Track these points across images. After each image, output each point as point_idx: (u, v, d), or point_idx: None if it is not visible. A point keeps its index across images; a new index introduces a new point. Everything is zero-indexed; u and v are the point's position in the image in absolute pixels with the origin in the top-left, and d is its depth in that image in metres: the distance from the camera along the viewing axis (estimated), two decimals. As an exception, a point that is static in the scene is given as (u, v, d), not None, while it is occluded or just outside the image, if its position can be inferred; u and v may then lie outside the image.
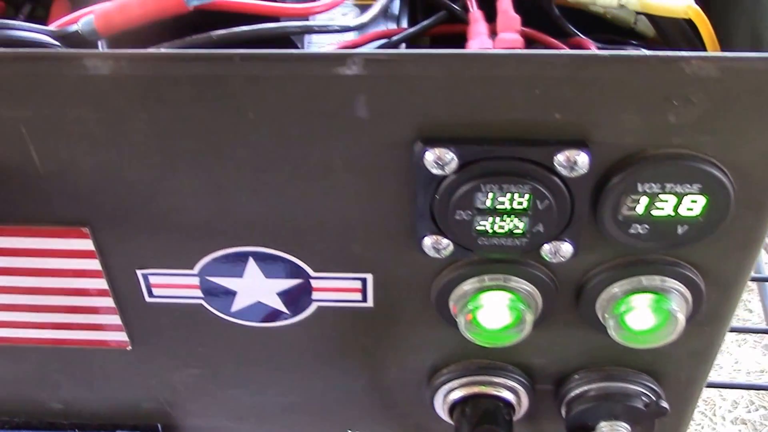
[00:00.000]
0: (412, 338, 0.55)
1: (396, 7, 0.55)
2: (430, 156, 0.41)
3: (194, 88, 0.38)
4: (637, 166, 0.42)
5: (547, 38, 0.53)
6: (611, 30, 0.57)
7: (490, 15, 0.53)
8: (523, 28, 0.51)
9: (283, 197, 0.44)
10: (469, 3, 0.53)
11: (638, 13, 0.55)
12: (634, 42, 0.57)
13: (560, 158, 0.41)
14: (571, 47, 0.53)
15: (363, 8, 0.53)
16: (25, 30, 0.40)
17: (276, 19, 0.45)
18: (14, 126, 0.40)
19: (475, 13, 0.52)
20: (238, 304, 0.52)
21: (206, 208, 0.45)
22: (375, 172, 0.43)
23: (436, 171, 0.41)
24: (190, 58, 0.37)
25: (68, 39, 0.41)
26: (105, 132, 0.40)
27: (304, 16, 0.46)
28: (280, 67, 0.37)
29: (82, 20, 0.41)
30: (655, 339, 0.51)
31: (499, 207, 0.43)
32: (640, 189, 0.43)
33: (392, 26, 0.54)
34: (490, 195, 0.43)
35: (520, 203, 0.43)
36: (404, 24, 0.54)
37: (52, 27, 0.42)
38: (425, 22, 0.53)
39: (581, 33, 0.54)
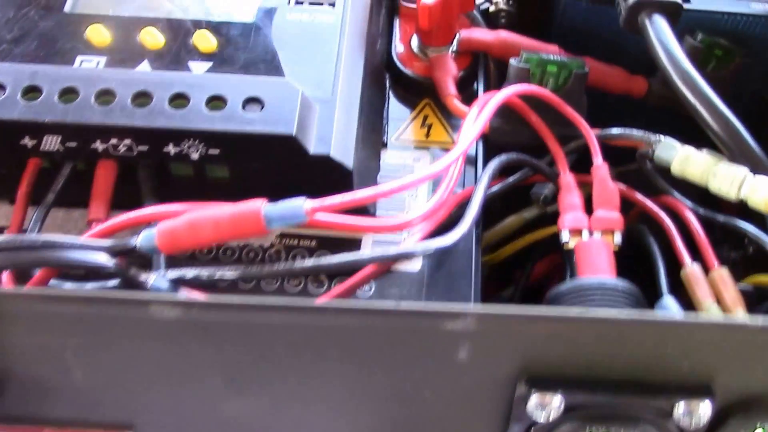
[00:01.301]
0: None
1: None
2: (535, 400, 0.35)
3: (276, 332, 0.32)
4: (760, 409, 0.37)
5: (645, 202, 0.48)
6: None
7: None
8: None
9: (355, 419, 0.39)
10: (560, 166, 0.48)
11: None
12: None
13: (681, 407, 0.36)
14: (661, 206, 0.49)
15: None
16: (81, 249, 0.34)
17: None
18: (58, 351, 0.34)
19: (568, 179, 0.47)
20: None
21: (262, 425, 0.39)
22: (465, 403, 0.37)
23: (538, 416, 0.36)
24: (280, 309, 0.31)
25: (126, 254, 0.35)
26: (160, 361, 0.34)
27: (401, 231, 0.40)
28: (380, 320, 0.32)
29: (143, 235, 0.35)
30: None
31: (598, 442, 0.38)
32: (757, 426, 0.38)
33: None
34: (592, 433, 0.38)
35: (623, 440, 0.38)
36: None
37: (108, 241, 0.36)
38: (509, 180, 0.48)
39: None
